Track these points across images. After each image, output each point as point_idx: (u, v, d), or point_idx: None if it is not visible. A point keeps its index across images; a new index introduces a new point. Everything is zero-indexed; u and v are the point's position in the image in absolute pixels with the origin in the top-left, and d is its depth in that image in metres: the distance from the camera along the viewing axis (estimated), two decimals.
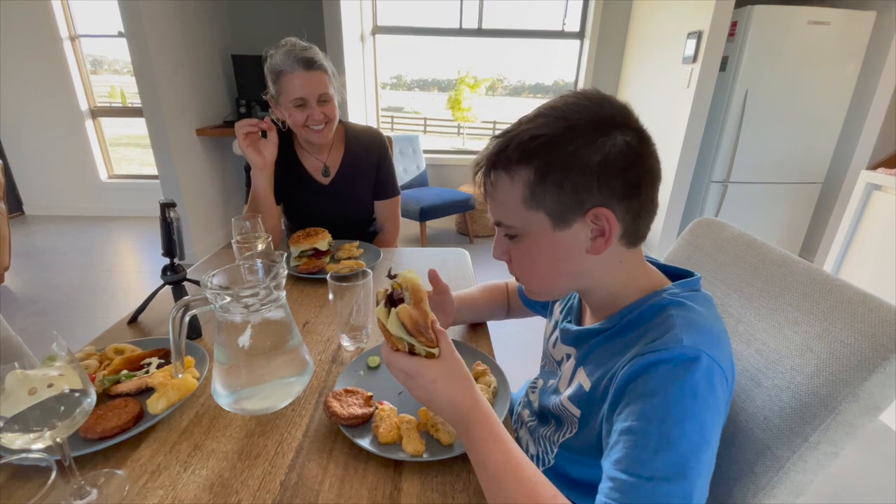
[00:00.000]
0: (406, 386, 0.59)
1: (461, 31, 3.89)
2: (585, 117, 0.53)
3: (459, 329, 0.97)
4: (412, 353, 0.58)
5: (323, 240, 1.22)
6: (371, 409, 0.68)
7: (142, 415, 0.67)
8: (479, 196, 0.62)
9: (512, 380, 0.78)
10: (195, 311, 0.62)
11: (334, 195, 1.45)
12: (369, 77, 3.98)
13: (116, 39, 3.94)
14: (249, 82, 3.49)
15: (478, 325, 0.98)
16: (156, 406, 0.67)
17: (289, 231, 1.58)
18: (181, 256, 0.91)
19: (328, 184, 1.44)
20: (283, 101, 1.26)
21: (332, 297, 0.86)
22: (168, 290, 0.94)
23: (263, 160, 1.26)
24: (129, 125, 4.34)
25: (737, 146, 3.01)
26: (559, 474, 0.64)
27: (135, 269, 3.27)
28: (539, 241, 0.58)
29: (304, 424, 0.69)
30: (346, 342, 0.89)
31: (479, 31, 3.88)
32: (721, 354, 0.51)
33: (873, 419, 0.53)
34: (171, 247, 0.89)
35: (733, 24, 2.82)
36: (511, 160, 0.55)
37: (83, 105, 4.03)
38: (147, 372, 0.76)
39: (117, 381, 0.72)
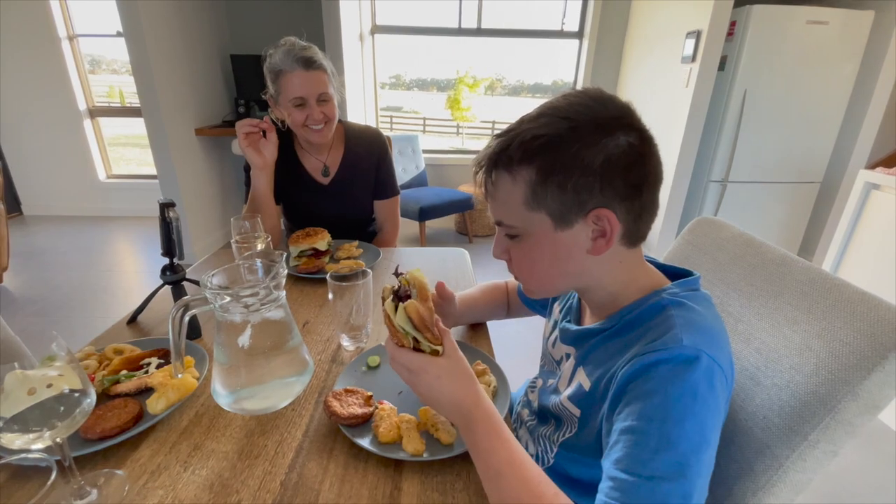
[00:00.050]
0: (408, 382, 0.59)
1: (460, 31, 3.89)
2: (588, 117, 0.53)
3: (459, 329, 0.97)
4: (416, 349, 0.58)
5: (322, 240, 1.22)
6: (371, 409, 0.68)
7: (141, 415, 0.67)
8: (479, 195, 0.62)
9: (511, 379, 0.78)
10: (195, 311, 0.62)
11: (334, 195, 1.44)
12: (368, 77, 3.98)
13: (115, 39, 3.93)
14: (248, 82, 3.48)
15: (477, 324, 0.98)
16: (155, 406, 0.67)
17: (288, 231, 1.58)
18: (180, 256, 0.91)
19: (328, 184, 1.44)
20: (283, 100, 1.26)
21: (331, 296, 0.86)
22: (167, 289, 0.94)
23: (263, 160, 1.26)
24: (128, 125, 4.34)
25: (735, 146, 3.02)
26: (559, 474, 0.64)
27: (134, 269, 3.26)
28: (540, 241, 0.58)
29: (304, 424, 0.69)
30: (345, 342, 0.90)
31: (478, 31, 3.88)
32: (721, 354, 0.51)
33: (872, 418, 0.53)
34: (171, 247, 0.89)
35: (732, 24, 2.82)
36: (513, 160, 0.54)
37: (81, 105, 4.02)
38: (146, 372, 0.76)
39: (117, 382, 0.72)
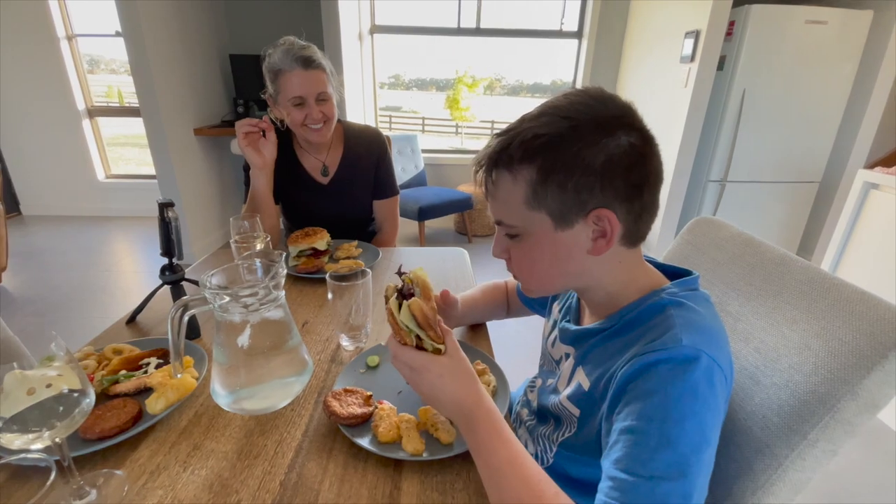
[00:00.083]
0: (410, 380, 0.59)
1: (459, 31, 3.89)
2: (589, 117, 0.52)
3: (459, 329, 0.97)
4: (419, 348, 0.58)
5: (321, 239, 1.22)
6: (370, 409, 0.68)
7: (141, 415, 0.67)
8: (478, 195, 0.62)
9: (511, 379, 0.78)
10: (194, 311, 0.62)
11: (333, 195, 1.44)
12: (367, 76, 3.98)
13: (114, 39, 3.92)
14: (247, 82, 3.48)
15: (477, 324, 0.98)
16: (155, 406, 0.67)
17: (288, 231, 1.57)
18: (179, 256, 0.90)
19: (327, 183, 1.44)
20: (282, 99, 1.26)
21: (331, 296, 0.86)
22: (166, 289, 0.94)
23: (263, 160, 1.26)
24: (127, 125, 4.33)
25: (734, 145, 3.02)
26: (558, 473, 0.64)
27: (133, 268, 3.26)
28: (540, 241, 0.57)
29: (304, 424, 0.69)
30: (345, 342, 0.89)
31: (477, 31, 3.88)
32: (720, 354, 0.51)
33: (872, 417, 0.53)
34: (170, 246, 0.89)
35: (731, 24, 2.82)
36: (514, 159, 0.54)
37: (80, 105, 4.01)
38: (146, 372, 0.75)
39: (116, 382, 0.72)
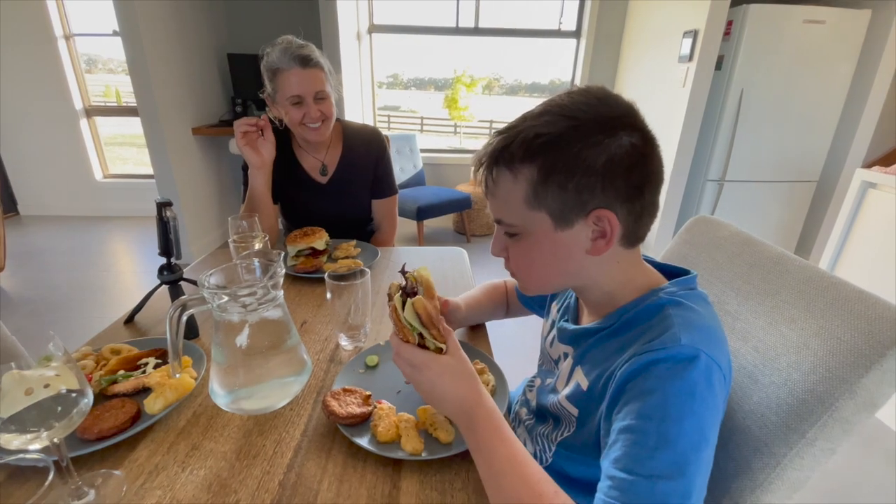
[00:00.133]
0: (411, 378, 0.59)
1: (458, 30, 3.88)
2: (591, 116, 0.52)
3: (459, 329, 0.97)
4: (420, 346, 0.58)
5: (320, 239, 1.22)
6: (369, 408, 0.68)
7: (139, 415, 0.67)
8: (476, 194, 0.62)
9: (510, 378, 0.78)
10: (192, 311, 0.62)
11: (332, 194, 1.44)
12: (366, 76, 3.98)
13: (111, 38, 3.91)
14: (245, 81, 3.47)
15: (476, 324, 0.98)
16: (153, 406, 0.67)
17: (286, 230, 1.57)
18: (178, 256, 0.90)
19: (326, 183, 1.44)
20: (280, 98, 1.26)
21: (329, 296, 0.86)
22: (165, 289, 0.94)
23: (261, 159, 1.25)
24: (125, 124, 4.32)
25: (732, 145, 3.02)
26: (557, 473, 0.64)
27: (131, 268, 3.25)
28: (539, 240, 0.57)
29: (303, 424, 0.69)
30: (344, 341, 0.89)
31: (476, 31, 3.88)
32: (719, 353, 0.51)
33: (870, 416, 0.53)
34: (168, 246, 0.88)
35: (729, 23, 2.83)
36: (514, 157, 0.54)
37: (78, 104, 4.00)
38: (144, 372, 0.75)
39: (114, 382, 0.72)
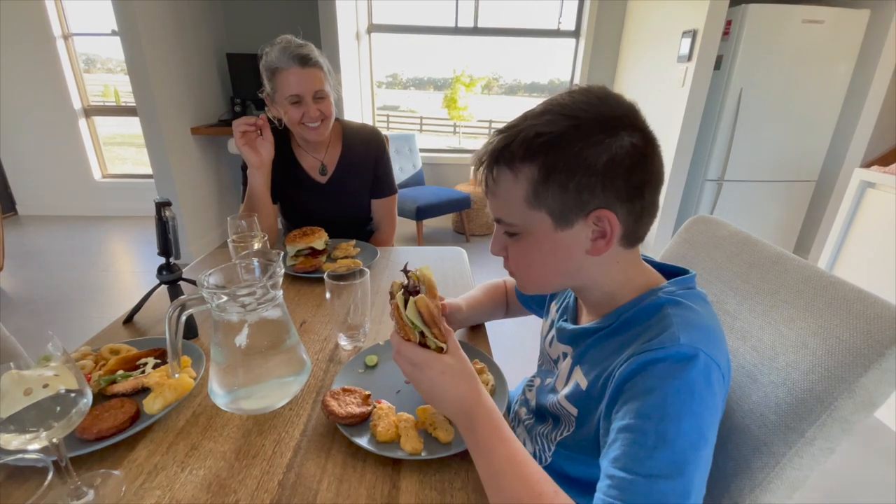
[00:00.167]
0: (411, 377, 0.59)
1: (457, 30, 3.88)
2: (592, 116, 0.52)
3: (458, 329, 0.97)
4: (422, 345, 0.58)
5: (319, 239, 1.21)
6: (369, 408, 0.68)
7: (138, 415, 0.67)
8: (476, 194, 0.62)
9: (509, 378, 0.78)
10: (191, 311, 0.62)
11: (331, 194, 1.44)
12: (365, 76, 3.97)
13: (110, 38, 3.91)
14: (244, 81, 3.47)
15: (476, 324, 0.98)
16: (152, 406, 0.67)
17: (286, 230, 1.57)
18: (177, 256, 0.90)
19: (325, 182, 1.43)
20: (279, 98, 1.25)
21: (329, 296, 0.86)
22: (164, 289, 0.94)
23: (260, 159, 1.25)
24: (123, 124, 4.31)
25: (731, 144, 3.03)
26: (556, 472, 0.64)
27: (130, 268, 3.25)
28: (539, 240, 0.57)
29: (302, 424, 0.69)
30: (343, 341, 0.89)
31: (475, 30, 3.88)
32: (718, 352, 0.51)
33: (869, 415, 0.53)
34: (167, 246, 0.88)
35: (728, 23, 2.83)
36: (515, 157, 0.54)
37: (76, 104, 4.00)
38: (143, 372, 0.75)
39: (113, 382, 0.72)
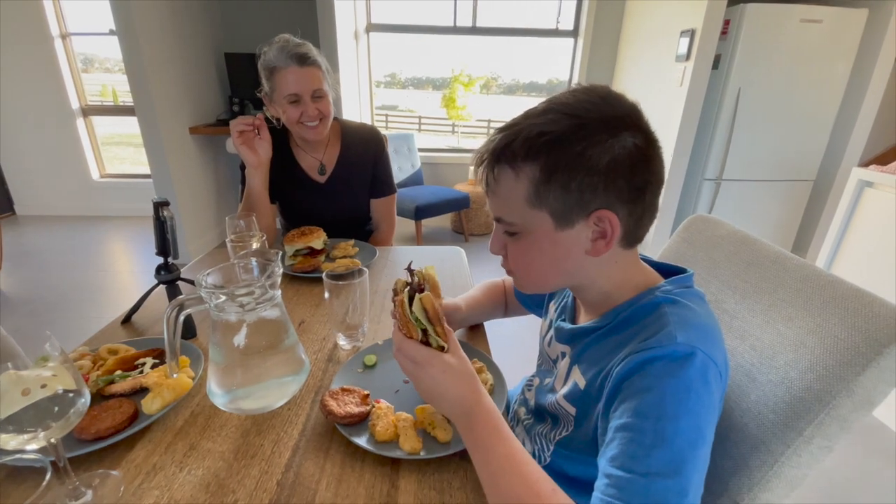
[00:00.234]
0: (412, 375, 0.58)
1: (455, 30, 3.88)
2: (595, 116, 0.52)
3: (459, 328, 0.97)
4: (423, 343, 0.58)
5: (318, 238, 1.21)
6: (368, 408, 0.68)
7: (136, 415, 0.67)
8: (475, 194, 0.62)
9: (508, 378, 0.78)
10: (190, 311, 0.62)
11: (330, 193, 1.44)
12: (363, 75, 3.97)
13: (108, 37, 3.90)
14: (243, 80, 3.47)
15: (475, 324, 0.98)
16: (151, 406, 0.67)
17: (285, 230, 1.57)
18: (175, 255, 0.90)
19: (324, 182, 1.43)
20: (277, 97, 1.25)
21: (327, 295, 0.86)
22: (162, 289, 0.94)
23: (258, 158, 1.25)
24: (121, 124, 4.30)
25: (730, 144, 3.03)
26: (555, 472, 0.64)
27: (128, 268, 3.24)
28: (539, 239, 0.57)
29: (301, 423, 0.69)
30: (342, 341, 0.89)
31: (474, 30, 3.88)
32: (715, 350, 0.51)
33: (867, 414, 0.53)
34: (165, 246, 0.88)
35: (726, 23, 2.83)
36: (517, 156, 0.53)
37: (74, 104, 3.99)
38: (141, 372, 0.75)
39: (111, 382, 0.72)
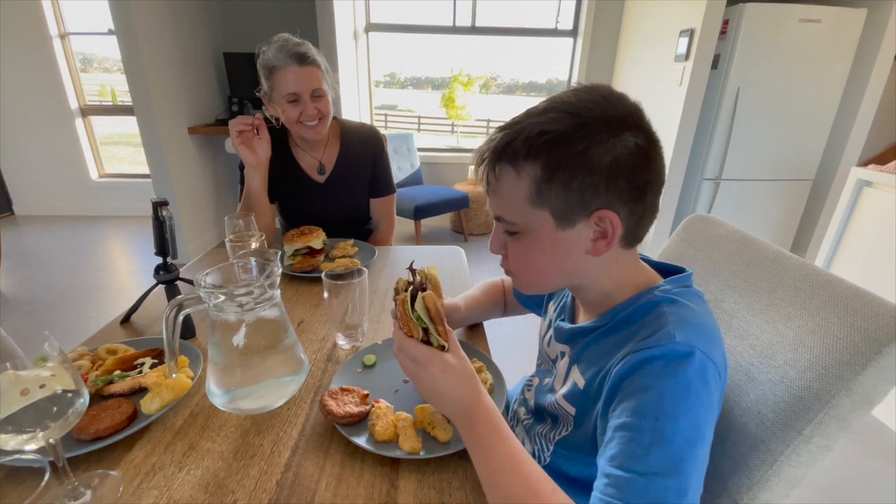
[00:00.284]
0: (412, 374, 0.58)
1: (455, 29, 3.88)
2: (597, 115, 0.52)
3: (458, 328, 0.97)
4: (424, 342, 0.58)
5: (317, 238, 1.21)
6: (367, 408, 0.68)
7: (135, 415, 0.67)
8: (473, 193, 0.62)
9: (508, 377, 0.78)
10: (189, 311, 0.62)
11: (330, 193, 1.44)
12: (363, 75, 3.97)
13: (106, 37, 3.89)
14: (242, 80, 3.47)
15: (474, 323, 0.98)
16: (150, 406, 0.67)
17: (284, 230, 1.57)
18: (174, 255, 0.90)
19: (324, 182, 1.43)
20: (276, 96, 1.25)
21: (326, 295, 0.86)
22: (161, 289, 0.94)
23: (257, 158, 1.25)
24: (120, 124, 4.30)
25: (729, 143, 3.03)
26: (555, 472, 0.63)
27: (127, 268, 3.24)
28: (540, 239, 0.57)
29: (300, 423, 0.68)
30: (341, 341, 0.89)
31: (473, 29, 3.88)
32: (714, 350, 0.51)
33: (867, 413, 0.53)
34: (164, 246, 0.88)
35: (725, 22, 2.83)
36: (518, 154, 0.53)
37: (73, 104, 3.99)
38: (140, 372, 0.75)
39: (110, 382, 0.72)
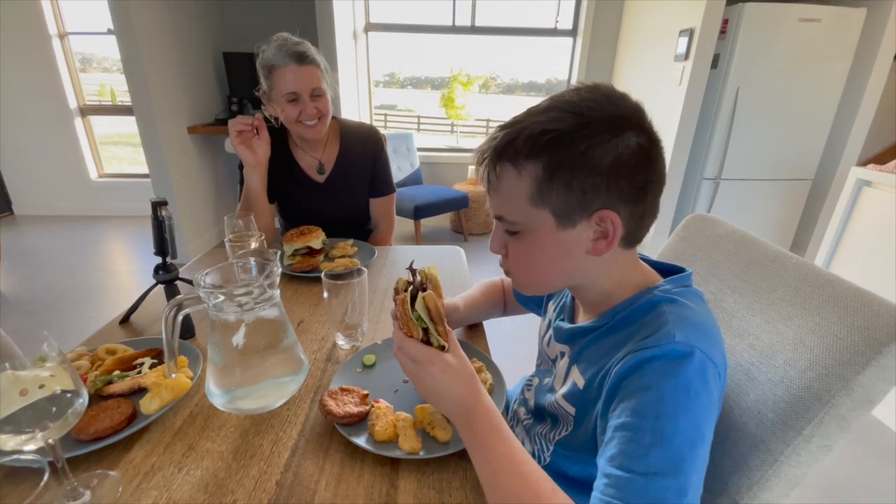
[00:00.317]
0: (412, 374, 0.58)
1: (454, 29, 3.88)
2: (599, 115, 0.51)
3: (457, 328, 0.97)
4: (424, 342, 0.58)
5: (317, 238, 1.21)
6: (367, 408, 0.68)
7: (135, 415, 0.67)
8: (473, 193, 0.62)
9: (507, 377, 0.78)
10: (188, 311, 0.62)
11: (329, 193, 1.44)
12: (362, 75, 3.97)
13: (106, 37, 3.89)
14: (241, 80, 3.46)
15: (473, 323, 0.98)
16: (149, 406, 0.67)
17: (283, 229, 1.57)
18: (173, 255, 0.90)
19: (323, 181, 1.43)
20: (276, 96, 1.25)
21: (326, 295, 0.86)
22: (160, 289, 0.94)
23: (256, 158, 1.25)
24: (119, 123, 4.30)
25: (728, 143, 3.03)
26: (555, 472, 0.63)
27: (126, 268, 3.24)
28: (540, 238, 0.57)
29: (300, 423, 0.68)
30: (341, 341, 0.89)
31: (472, 29, 3.88)
32: (714, 350, 0.51)
33: (867, 413, 0.53)
34: (164, 245, 0.88)
35: (725, 22, 2.83)
36: (519, 153, 0.53)
37: (72, 103, 3.98)
38: (140, 372, 0.75)
39: (109, 382, 0.72)
